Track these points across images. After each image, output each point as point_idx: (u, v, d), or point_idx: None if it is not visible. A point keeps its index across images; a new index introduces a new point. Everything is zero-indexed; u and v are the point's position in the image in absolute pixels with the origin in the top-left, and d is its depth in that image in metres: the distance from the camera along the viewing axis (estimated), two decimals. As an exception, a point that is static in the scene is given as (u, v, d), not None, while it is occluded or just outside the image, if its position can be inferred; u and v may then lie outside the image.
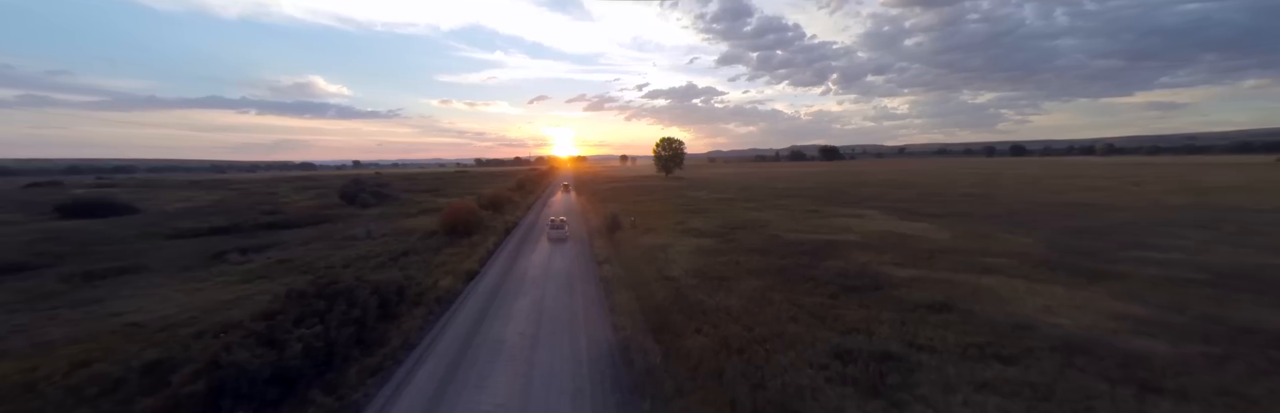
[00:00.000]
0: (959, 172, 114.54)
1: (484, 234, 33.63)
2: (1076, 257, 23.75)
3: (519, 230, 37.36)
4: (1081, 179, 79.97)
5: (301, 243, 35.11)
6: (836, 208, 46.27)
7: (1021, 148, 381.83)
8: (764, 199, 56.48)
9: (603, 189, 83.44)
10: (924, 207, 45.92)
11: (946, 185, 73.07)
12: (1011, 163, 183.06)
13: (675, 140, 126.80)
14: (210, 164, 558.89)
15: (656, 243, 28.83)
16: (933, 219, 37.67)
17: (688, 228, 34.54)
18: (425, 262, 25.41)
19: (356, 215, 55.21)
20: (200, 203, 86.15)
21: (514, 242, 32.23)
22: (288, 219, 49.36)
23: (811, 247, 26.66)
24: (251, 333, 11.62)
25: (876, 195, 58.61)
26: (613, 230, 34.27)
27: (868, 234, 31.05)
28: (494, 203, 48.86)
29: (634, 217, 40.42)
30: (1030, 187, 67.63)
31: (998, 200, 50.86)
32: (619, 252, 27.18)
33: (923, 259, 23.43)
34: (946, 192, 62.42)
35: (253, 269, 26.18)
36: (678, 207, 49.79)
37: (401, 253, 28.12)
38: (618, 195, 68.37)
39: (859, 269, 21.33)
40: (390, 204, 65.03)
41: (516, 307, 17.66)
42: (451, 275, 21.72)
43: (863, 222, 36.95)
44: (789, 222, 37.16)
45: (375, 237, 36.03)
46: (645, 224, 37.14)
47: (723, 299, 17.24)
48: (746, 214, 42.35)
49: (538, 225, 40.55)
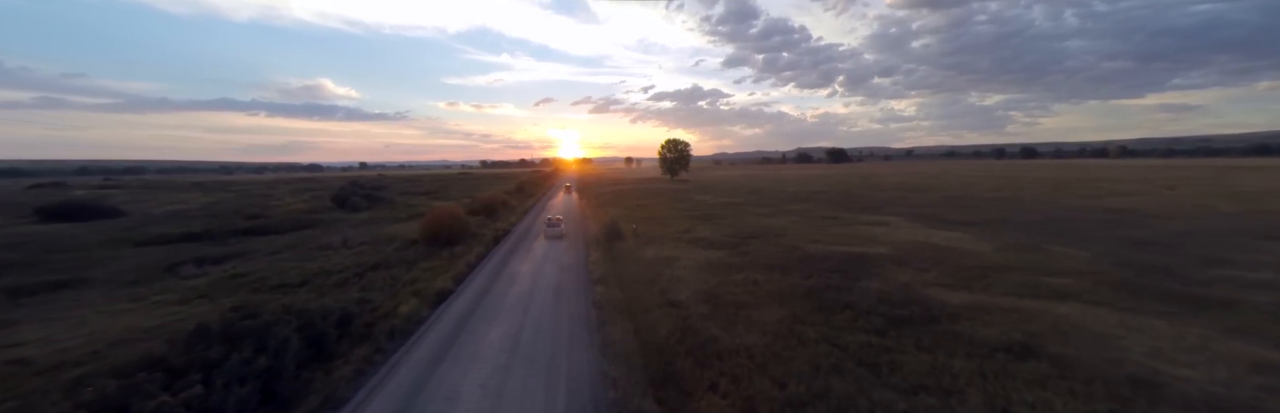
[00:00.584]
0: (975, 174, 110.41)
1: (470, 244, 30.32)
2: (1155, 277, 20.12)
3: (510, 239, 34.02)
4: (1106, 182, 75.88)
5: (271, 252, 31.92)
6: (856, 214, 42.67)
7: (1032, 150, 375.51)
8: (776, 204, 52.92)
9: (605, 192, 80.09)
10: (950, 213, 42.25)
11: (966, 189, 69.22)
12: (1026, 165, 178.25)
13: (681, 142, 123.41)
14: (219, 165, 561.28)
15: (660, 256, 25.39)
16: (965, 228, 34.05)
17: (695, 237, 31.09)
18: (393, 278, 22.07)
19: (343, 220, 52.14)
20: (192, 206, 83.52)
21: (502, 252, 28.87)
22: (268, 224, 46.30)
23: (839, 261, 23.14)
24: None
25: (896, 200, 54.92)
26: (612, 240, 30.86)
27: (899, 246, 27.48)
28: (487, 208, 45.58)
29: (636, 224, 37.00)
30: (1056, 190, 63.70)
31: (1028, 206, 47.09)
32: (617, 267, 23.75)
33: (974, 279, 19.87)
34: (969, 196, 58.64)
35: (200, 285, 22.95)
36: (683, 212, 46.34)
37: (372, 266, 24.83)
38: (620, 199, 64.98)
39: (903, 293, 17.80)
40: (382, 208, 61.97)
41: (486, 343, 14.26)
42: (418, 297, 18.37)
43: (889, 230, 33.37)
44: (807, 230, 33.63)
45: (352, 245, 32.81)
46: (648, 233, 33.72)
47: (742, 336, 13.78)
48: (759, 221, 38.82)
49: (532, 233, 37.24)
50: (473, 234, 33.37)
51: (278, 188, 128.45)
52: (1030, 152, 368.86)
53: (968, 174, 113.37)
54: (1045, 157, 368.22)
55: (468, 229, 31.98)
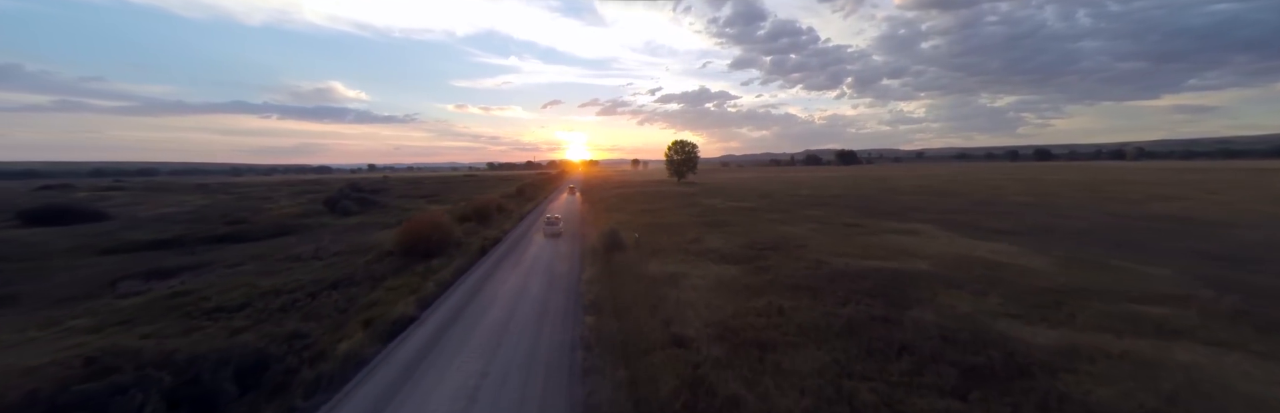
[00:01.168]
0: (996, 177, 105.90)
1: (452, 255, 27.03)
2: (1270, 304, 16.38)
3: (499, 249, 30.68)
4: (1136, 185, 71.43)
5: (233, 264, 28.82)
6: (880, 221, 38.94)
7: (1046, 152, 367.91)
8: (790, 209, 49.25)
9: (609, 195, 76.71)
10: (985, 220, 38.43)
11: (992, 193, 65.11)
12: (1044, 168, 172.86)
13: (688, 143, 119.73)
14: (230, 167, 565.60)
15: (665, 272, 21.91)
16: (1009, 238, 30.30)
17: (705, 248, 27.57)
18: (350, 301, 18.79)
19: (329, 225, 49.20)
20: (185, 208, 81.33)
21: (485, 266, 25.52)
22: (246, 231, 43.37)
23: (876, 281, 19.54)
24: None
25: (920, 205, 51.06)
26: (611, 251, 27.42)
27: (940, 260, 23.81)
28: (479, 213, 42.34)
29: (639, 232, 33.56)
30: (1090, 194, 59.48)
31: (1067, 211, 43.14)
32: (615, 286, 20.29)
33: (1048, 307, 16.22)
34: (998, 200, 54.65)
35: (131, 306, 19.80)
36: (692, 218, 42.81)
37: (332, 284, 21.57)
38: (625, 203, 61.55)
39: (968, 327, 14.21)
40: (374, 212, 59.01)
41: (434, 402, 10.85)
42: (366, 329, 15.04)
43: (923, 241, 29.68)
44: (830, 240, 30.00)
45: (324, 256, 29.65)
46: (652, 242, 30.26)
47: (772, 396, 10.29)
48: (774, 229, 35.23)
49: (527, 241, 33.94)
50: (458, 244, 30.09)
51: (279, 190, 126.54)
52: (1044, 154, 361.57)
53: (987, 177, 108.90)
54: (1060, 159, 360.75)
55: (450, 239, 28.68)
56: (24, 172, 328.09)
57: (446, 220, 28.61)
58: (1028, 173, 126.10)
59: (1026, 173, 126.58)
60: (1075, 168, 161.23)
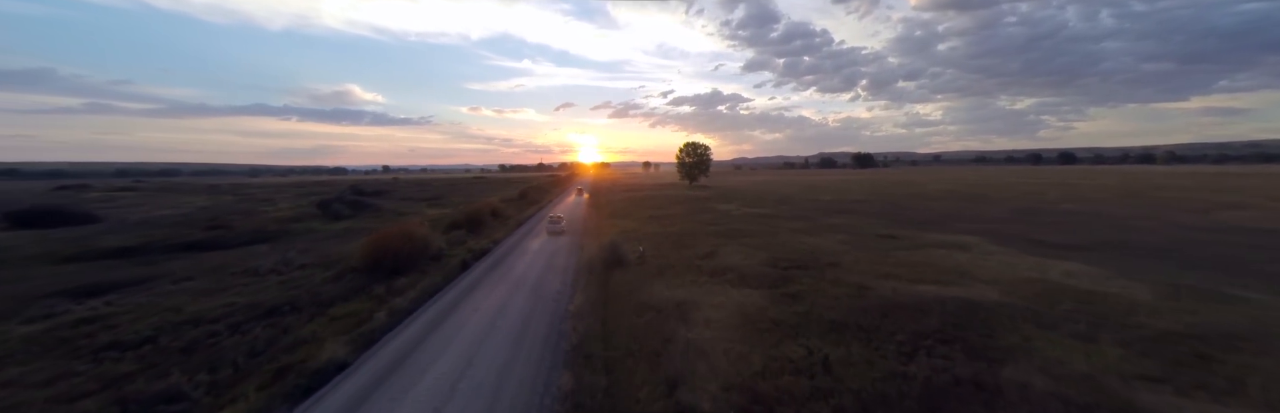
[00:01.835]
0: (1026, 182, 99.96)
1: (425, 272, 23.26)
2: None
3: (483, 263, 26.83)
4: (1192, 192, 65.61)
5: (181, 278, 25.33)
6: (918, 232, 34.45)
7: (1071, 155, 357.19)
8: (812, 216, 44.83)
9: (617, 199, 72.78)
10: (1039, 231, 33.77)
11: (1031, 199, 59.93)
12: (1075, 172, 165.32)
13: (700, 145, 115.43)
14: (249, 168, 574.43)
15: (672, 299, 17.85)
16: (1079, 255, 25.74)
17: (721, 266, 23.44)
18: (279, 335, 15.02)
19: (315, 231, 45.96)
20: (182, 211, 79.16)
21: (460, 287, 21.65)
22: (221, 237, 40.16)
23: (943, 317, 15.28)
24: None
25: (956, 212, 46.34)
26: (611, 268, 23.44)
27: (1011, 285, 19.44)
28: (471, 220, 38.65)
29: (644, 243, 29.56)
30: (1141, 201, 54.16)
31: (1128, 222, 38.22)
32: (609, 320, 16.27)
33: (1192, 364, 11.88)
34: (1041, 208, 49.66)
35: (23, 336, 16.25)
36: (705, 226, 38.64)
37: (270, 309, 17.86)
38: (633, 208, 57.57)
39: (1100, 400, 9.96)
40: (366, 216, 55.73)
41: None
42: (274, 384, 11.24)
43: (976, 258, 25.24)
44: (866, 256, 25.69)
45: (285, 269, 26.04)
46: (659, 256, 26.21)
47: None
48: (798, 240, 30.96)
49: (518, 252, 30.12)
50: (437, 257, 26.34)
51: (286, 192, 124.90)
52: (1069, 157, 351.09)
53: (1016, 181, 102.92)
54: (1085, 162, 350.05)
55: (426, 252, 24.90)
56: (52, 172, 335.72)
57: (421, 231, 24.88)
58: (1059, 177, 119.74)
59: (1057, 177, 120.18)
60: (1108, 172, 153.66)
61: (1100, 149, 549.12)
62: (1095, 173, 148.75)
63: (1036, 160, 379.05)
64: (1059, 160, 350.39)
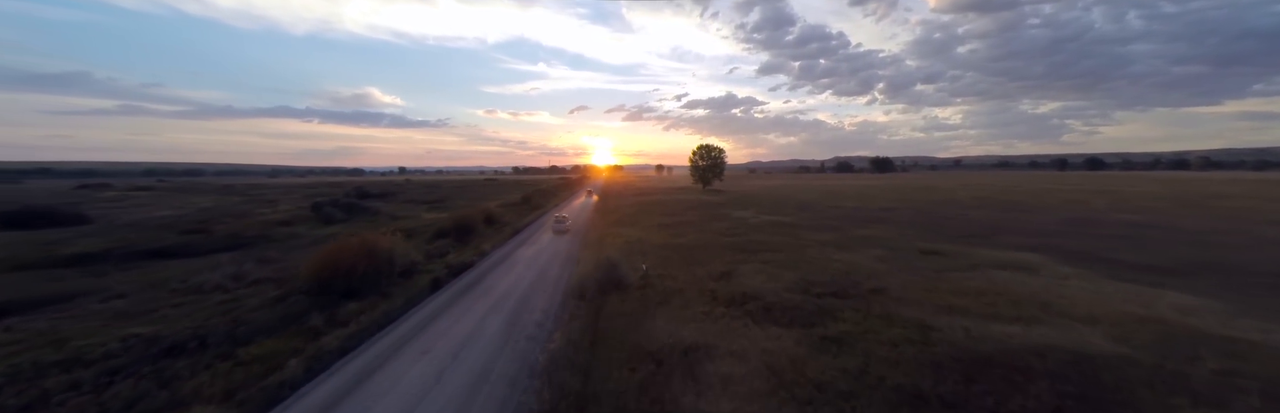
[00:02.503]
0: (1064, 188, 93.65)
1: (386, 294, 19.53)
2: None
3: (459, 282, 23.02)
4: (1259, 201, 59.55)
5: (113, 295, 21.96)
6: (964, 246, 29.92)
7: (1099, 161, 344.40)
8: (839, 226, 40.35)
9: (626, 204, 68.83)
10: (1108, 247, 29.05)
11: (1076, 207, 54.59)
12: (1108, 178, 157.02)
13: (714, 148, 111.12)
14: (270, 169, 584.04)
15: (679, 343, 13.80)
16: (1175, 280, 21.16)
17: (740, 291, 19.30)
18: (148, 390, 11.31)
19: (299, 236, 42.81)
20: (183, 211, 77.35)
21: (419, 316, 17.80)
22: (192, 243, 37.07)
23: (1051, 383, 10.99)
24: None
25: (999, 223, 41.50)
26: (607, 292, 19.46)
27: (1118, 327, 15.03)
28: (461, 227, 35.02)
29: (650, 258, 25.57)
30: (1206, 212, 48.63)
31: (1208, 238, 33.10)
32: (594, 374, 12.27)
33: None
34: (1094, 218, 44.53)
35: None
36: (719, 237, 34.48)
37: (170, 348, 14.21)
38: (642, 214, 53.57)
39: None
40: (359, 220, 52.58)
41: None
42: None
43: (1050, 283, 20.76)
44: (915, 279, 21.35)
45: (232, 286, 22.52)
46: (666, 276, 22.16)
47: None
48: (829, 257, 26.65)
49: (502, 268, 26.32)
50: (407, 272, 22.63)
51: (295, 193, 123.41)
52: (1097, 162, 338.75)
53: (1051, 187, 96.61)
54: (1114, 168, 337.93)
55: (389, 269, 21.16)
56: (84, 171, 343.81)
57: (385, 244, 21.14)
58: (1094, 183, 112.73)
59: (1092, 183, 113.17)
60: (1144, 178, 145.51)
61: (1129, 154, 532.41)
62: (1131, 179, 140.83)
63: (1062, 165, 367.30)
64: (1086, 166, 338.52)
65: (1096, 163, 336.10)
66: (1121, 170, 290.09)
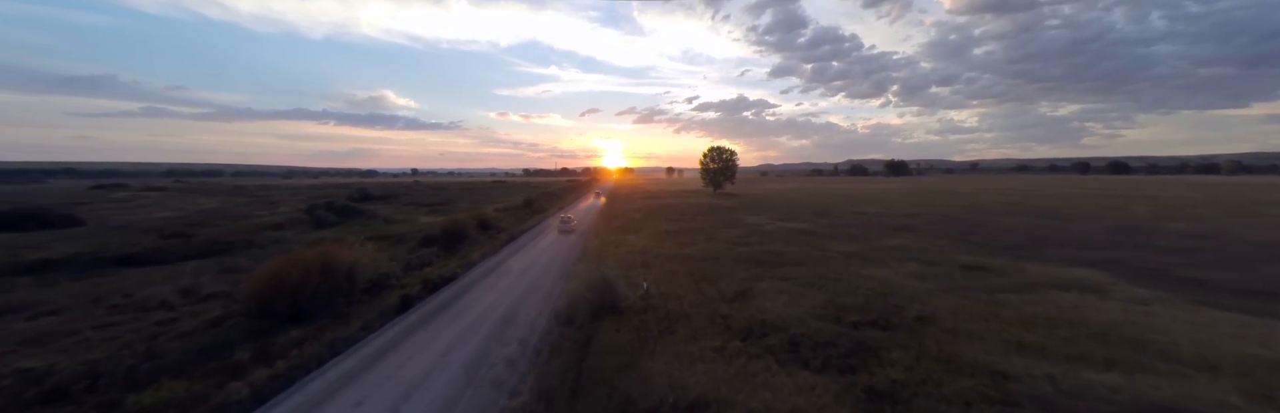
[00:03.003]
0: (1096, 193, 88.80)
1: (343, 315, 16.69)
2: None
3: (432, 302, 20.12)
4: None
5: (46, 312, 19.40)
6: (1011, 260, 26.44)
7: (1123, 165, 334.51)
8: (863, 235, 36.92)
9: (633, 208, 65.83)
10: (1178, 264, 25.37)
11: (1118, 215, 50.47)
12: (1138, 183, 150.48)
13: (726, 150, 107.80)
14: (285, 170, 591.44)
15: (682, 396, 10.68)
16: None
17: (759, 318, 16.15)
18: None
19: (283, 242, 40.39)
20: (183, 213, 75.97)
21: (368, 351, 14.85)
22: (165, 248, 34.69)
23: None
24: None
25: (1039, 232, 37.76)
26: (601, 316, 16.42)
27: (1245, 376, 11.68)
28: (450, 234, 32.26)
29: (652, 273, 22.53)
30: (1262, 220, 44.31)
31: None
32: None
33: None
34: (1144, 228, 40.55)
35: None
36: (732, 247, 31.29)
37: (58, 388, 11.46)
38: (648, 219, 50.52)
39: None
40: (353, 224, 50.15)
41: None
42: None
43: (1129, 310, 17.33)
44: (964, 302, 18.03)
45: (181, 303, 19.87)
46: (671, 295, 19.09)
47: None
48: (858, 272, 23.35)
49: (490, 280, 23.42)
50: (374, 288, 19.77)
51: (303, 194, 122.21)
52: (1120, 166, 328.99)
53: (1081, 192, 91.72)
54: (1138, 172, 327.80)
55: (350, 285, 18.29)
56: (107, 171, 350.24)
57: (344, 256, 18.27)
58: (1124, 188, 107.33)
59: (1123, 188, 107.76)
60: (1179, 183, 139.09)
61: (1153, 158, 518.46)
62: (1162, 183, 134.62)
63: (1084, 169, 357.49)
64: (1109, 169, 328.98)
65: (1120, 167, 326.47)
66: (1147, 175, 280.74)
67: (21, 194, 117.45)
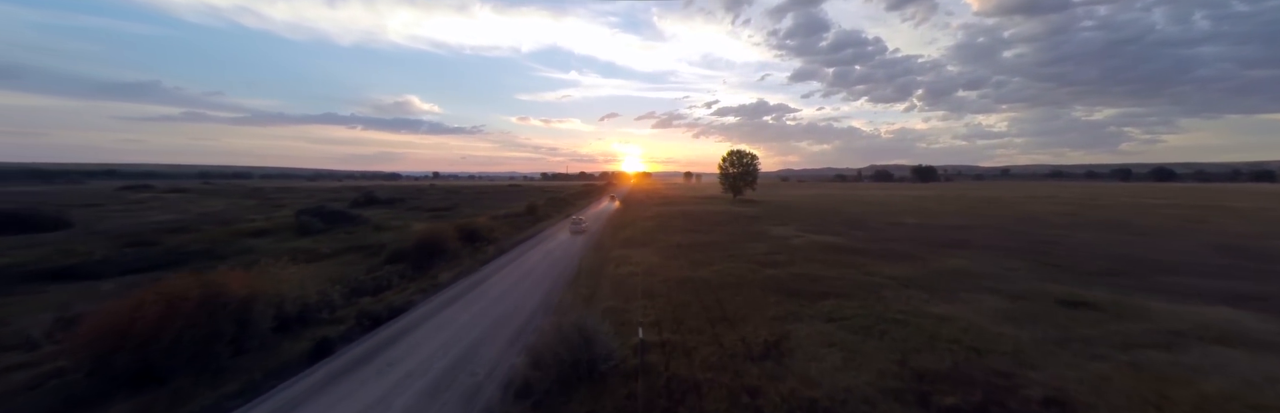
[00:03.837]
0: (1158, 202, 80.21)
1: (215, 375, 11.98)
2: None
3: (362, 344, 15.31)
4: None
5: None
6: (1116, 293, 20.53)
7: (1168, 171, 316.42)
8: (914, 253, 31.03)
9: (645, 217, 60.67)
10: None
11: (1205, 229, 43.38)
12: (1197, 191, 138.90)
13: (746, 154, 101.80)
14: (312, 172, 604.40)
15: None
16: None
17: (805, 396, 10.88)
18: None
19: (253, 251, 36.40)
20: (184, 215, 73.90)
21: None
22: (116, 258, 30.84)
23: None
24: None
25: (1133, 254, 31.32)
26: (571, 387, 11.35)
27: None
28: (424, 247, 27.60)
29: (660, 305, 17.39)
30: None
31: None
32: None
33: None
34: (1253, 246, 33.78)
35: None
36: (756, 269, 25.83)
37: None
38: (660, 230, 45.34)
39: None
40: (339, 230, 46.11)
41: None
42: None
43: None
44: (1099, 369, 12.42)
45: (41, 344, 15.42)
46: (676, 349, 13.91)
47: None
48: (924, 311, 17.78)
49: (450, 312, 18.61)
50: (287, 325, 15.04)
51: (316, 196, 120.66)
52: (1166, 173, 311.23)
53: (1140, 201, 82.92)
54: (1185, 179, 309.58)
55: (237, 329, 13.54)
56: (146, 173, 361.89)
57: (233, 290, 13.54)
58: (1187, 197, 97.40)
59: (1181, 196, 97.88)
60: (1243, 191, 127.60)
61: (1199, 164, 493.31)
62: (1224, 192, 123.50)
63: (1125, 176, 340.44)
64: (1153, 176, 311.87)
65: (1166, 174, 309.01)
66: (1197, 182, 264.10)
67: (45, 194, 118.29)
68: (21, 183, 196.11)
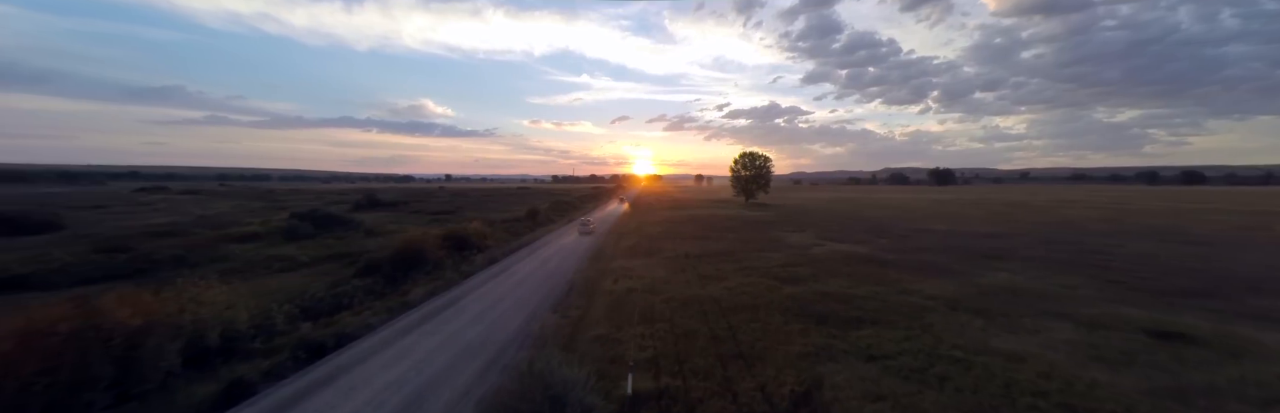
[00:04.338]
0: (1199, 207, 74.98)
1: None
2: None
3: (286, 387, 12.42)
4: None
5: None
6: (1207, 318, 17.02)
7: (1198, 174, 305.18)
8: (953, 266, 27.50)
9: (652, 222, 57.56)
10: None
11: (1273, 239, 39.15)
12: (1238, 195, 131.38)
13: (759, 156, 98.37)
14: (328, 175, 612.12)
15: None
16: None
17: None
18: None
19: (229, 259, 34.00)
20: (183, 218, 72.47)
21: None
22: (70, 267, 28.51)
23: None
24: None
25: (1194, 266, 27.54)
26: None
27: None
28: (402, 258, 24.79)
29: (655, 336, 14.32)
30: None
31: None
32: None
33: None
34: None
35: None
36: (775, 286, 22.55)
37: None
38: (668, 238, 42.21)
39: None
40: (328, 236, 43.69)
41: None
42: None
43: None
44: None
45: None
46: (677, 402, 10.87)
47: None
48: (985, 345, 14.45)
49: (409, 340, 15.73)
50: (203, 360, 12.24)
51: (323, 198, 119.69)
52: (1195, 176, 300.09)
53: (1180, 206, 77.62)
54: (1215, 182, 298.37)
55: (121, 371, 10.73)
56: (167, 175, 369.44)
57: (122, 320, 10.74)
58: (1224, 200, 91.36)
59: (1221, 200, 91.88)
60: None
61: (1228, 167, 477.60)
62: (1266, 196, 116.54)
63: (1152, 179, 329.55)
64: (1181, 179, 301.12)
65: (1195, 177, 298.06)
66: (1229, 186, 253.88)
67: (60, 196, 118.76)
68: (48, 185, 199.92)
